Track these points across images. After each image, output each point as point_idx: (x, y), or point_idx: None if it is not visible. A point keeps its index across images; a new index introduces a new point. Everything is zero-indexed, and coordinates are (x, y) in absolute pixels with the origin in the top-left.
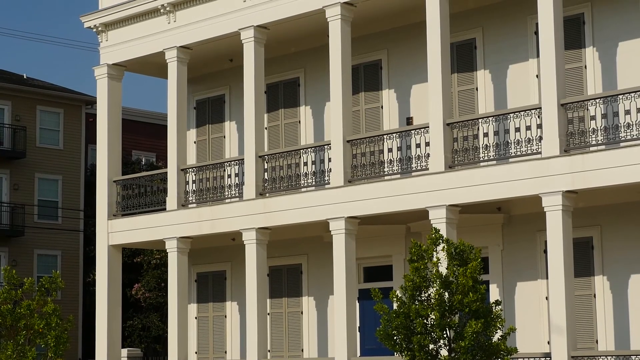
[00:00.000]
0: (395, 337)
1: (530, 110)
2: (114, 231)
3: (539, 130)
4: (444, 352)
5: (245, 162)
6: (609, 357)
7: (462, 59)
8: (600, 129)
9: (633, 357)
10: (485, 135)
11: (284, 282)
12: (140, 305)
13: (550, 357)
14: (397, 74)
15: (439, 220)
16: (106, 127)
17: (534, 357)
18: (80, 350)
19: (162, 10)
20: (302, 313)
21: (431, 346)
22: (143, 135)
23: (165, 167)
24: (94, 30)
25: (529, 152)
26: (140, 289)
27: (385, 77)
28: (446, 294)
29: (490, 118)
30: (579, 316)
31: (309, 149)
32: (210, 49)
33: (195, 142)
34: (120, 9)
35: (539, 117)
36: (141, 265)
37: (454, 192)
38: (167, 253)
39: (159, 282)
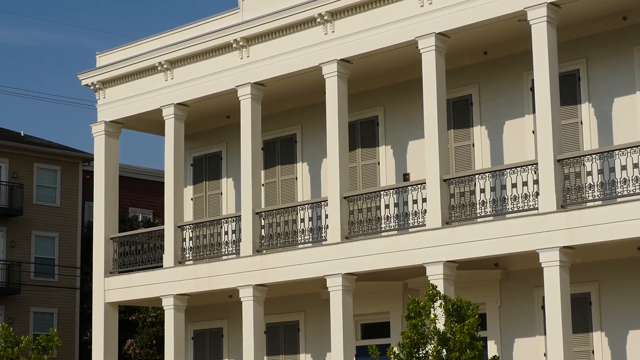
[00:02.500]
0: None
1: (526, 166)
2: (110, 289)
3: (535, 186)
4: None
5: (242, 219)
6: None
7: (458, 115)
8: (597, 185)
9: None
10: (482, 191)
11: (281, 339)
12: None
13: None
14: (394, 131)
15: (436, 276)
16: (103, 184)
17: None
18: None
19: (159, 68)
20: None
21: None
22: (140, 192)
23: (162, 224)
24: (91, 87)
25: (526, 207)
26: (132, 344)
27: (381, 134)
28: (444, 350)
29: (487, 174)
30: None
31: (306, 206)
32: (208, 105)
33: (192, 199)
34: (117, 67)
35: (535, 172)
36: (136, 323)
37: (451, 248)
38: (164, 310)
39: (152, 340)
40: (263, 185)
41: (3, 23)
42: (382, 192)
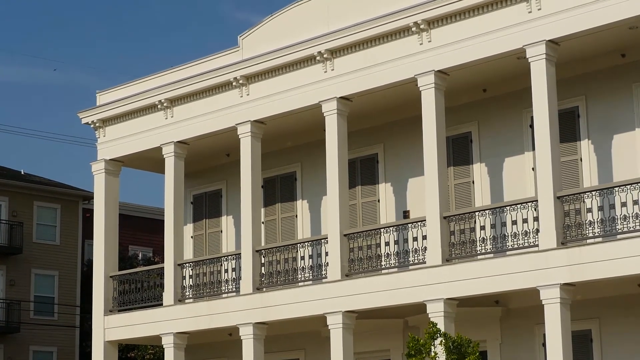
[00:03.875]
0: None
1: (526, 203)
2: (110, 327)
3: (535, 222)
4: None
5: (242, 257)
6: None
7: (458, 152)
8: (597, 221)
9: None
10: (482, 228)
11: None
12: None
13: None
14: (394, 168)
15: (436, 314)
16: (103, 222)
17: None
18: None
19: (159, 106)
20: None
21: None
22: (140, 230)
23: (162, 262)
24: (92, 126)
25: (526, 244)
26: None
27: (381, 171)
28: None
29: (487, 211)
30: None
31: (306, 243)
32: (208, 143)
33: (192, 237)
34: (117, 105)
35: (535, 209)
36: None
37: (452, 285)
38: (163, 348)
39: None
40: (263, 223)
41: (2, 61)
42: (382, 230)
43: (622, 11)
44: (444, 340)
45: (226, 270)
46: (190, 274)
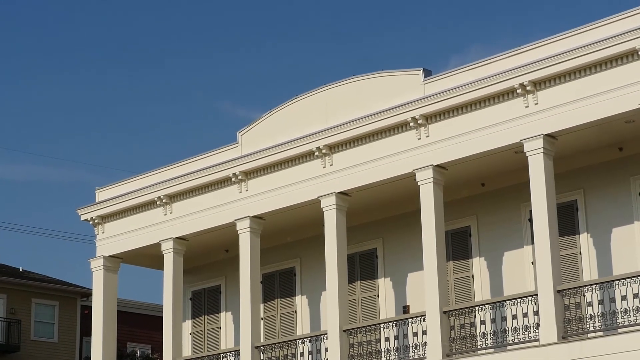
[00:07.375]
0: None
1: (526, 297)
2: None
3: (536, 317)
4: None
5: (241, 353)
6: None
7: (457, 246)
8: (598, 315)
9: None
10: (483, 322)
11: None
12: None
13: None
14: (393, 263)
15: None
16: (101, 319)
17: None
18: None
19: (158, 202)
20: None
21: None
22: (138, 327)
23: (161, 359)
24: (91, 222)
25: (527, 339)
26: None
27: (381, 266)
28: None
29: (487, 305)
30: None
31: (306, 339)
32: (207, 239)
33: (190, 334)
34: (116, 202)
35: (535, 303)
36: None
37: None
38: None
39: None
40: (262, 318)
41: (1, 159)
42: (382, 325)
43: (618, 105)
44: None
45: None
46: None
